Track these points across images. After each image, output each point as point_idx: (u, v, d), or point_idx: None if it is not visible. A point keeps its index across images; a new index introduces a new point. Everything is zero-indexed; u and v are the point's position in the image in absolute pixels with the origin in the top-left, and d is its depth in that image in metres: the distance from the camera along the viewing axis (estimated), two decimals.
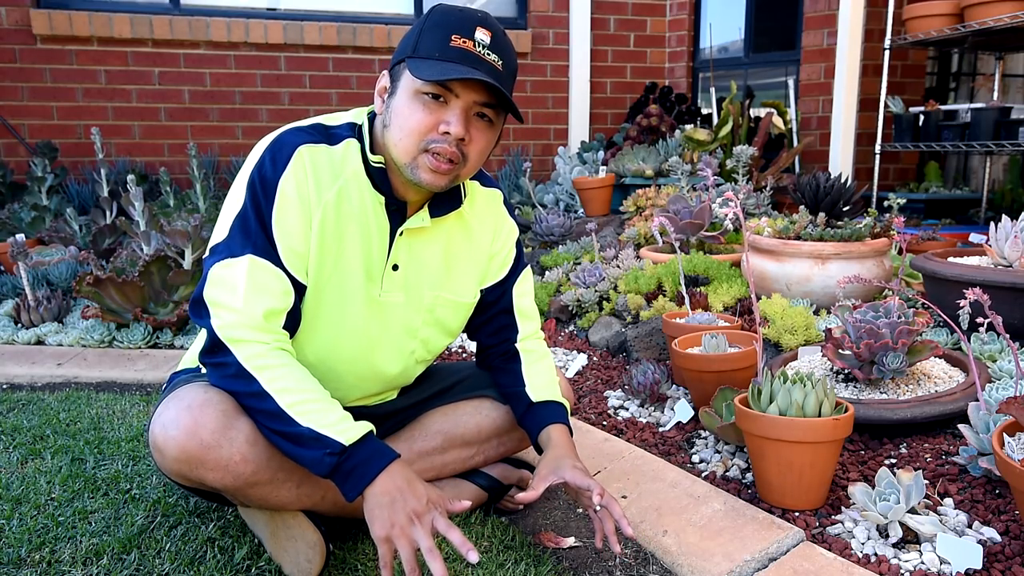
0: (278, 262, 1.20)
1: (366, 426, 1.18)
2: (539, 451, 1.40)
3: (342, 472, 1.14)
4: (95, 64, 4.38)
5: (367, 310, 1.32)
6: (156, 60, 4.46)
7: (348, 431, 1.15)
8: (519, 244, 1.52)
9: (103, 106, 4.44)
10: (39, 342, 2.82)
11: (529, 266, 1.55)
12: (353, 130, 1.30)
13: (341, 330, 1.32)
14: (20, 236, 2.92)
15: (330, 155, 1.26)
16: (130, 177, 3.08)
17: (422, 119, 1.20)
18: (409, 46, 1.21)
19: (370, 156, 1.27)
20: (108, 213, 3.74)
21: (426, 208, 1.33)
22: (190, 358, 1.39)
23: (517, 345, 1.50)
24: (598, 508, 1.24)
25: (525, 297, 1.52)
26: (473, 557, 1.07)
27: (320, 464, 1.13)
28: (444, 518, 1.13)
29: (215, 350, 1.18)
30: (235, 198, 1.22)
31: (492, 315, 1.50)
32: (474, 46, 1.18)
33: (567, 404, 1.47)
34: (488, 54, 1.19)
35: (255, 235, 1.19)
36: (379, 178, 1.28)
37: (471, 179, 1.42)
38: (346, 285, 1.29)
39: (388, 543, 1.11)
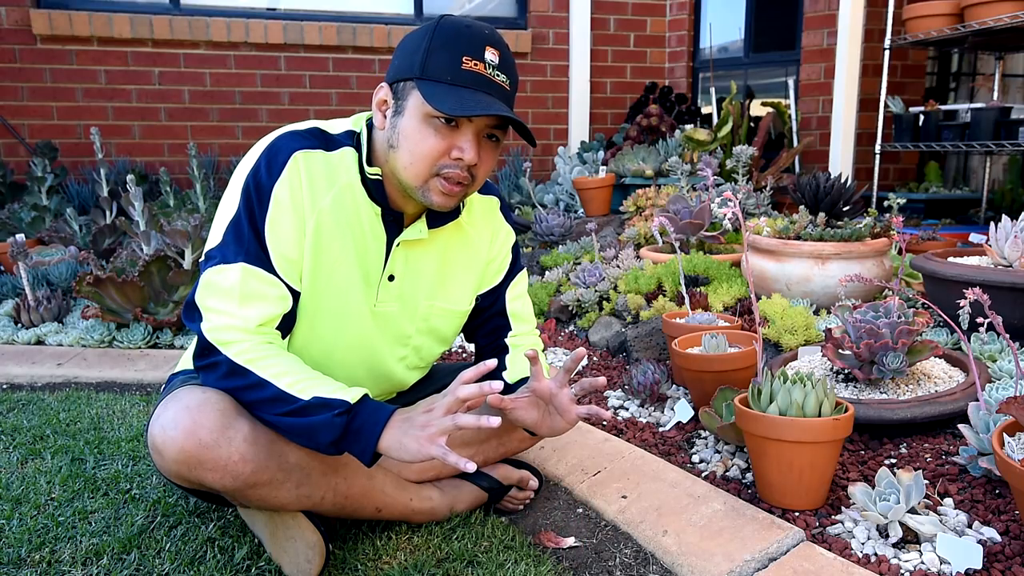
0: (271, 268, 1.21)
1: (362, 389, 1.19)
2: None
3: (352, 432, 1.14)
4: (95, 64, 4.38)
5: (364, 318, 1.32)
6: (156, 60, 4.46)
7: (348, 393, 1.17)
8: (516, 248, 1.51)
9: (103, 106, 4.44)
10: (39, 342, 2.82)
11: (526, 269, 1.55)
12: (352, 138, 1.29)
13: (339, 336, 1.32)
14: (20, 236, 2.92)
15: (326, 161, 1.25)
16: (130, 177, 3.08)
17: (435, 145, 1.19)
18: (416, 64, 1.19)
19: (367, 168, 1.27)
20: (108, 213, 3.74)
21: (423, 219, 1.33)
22: (189, 359, 1.39)
23: (507, 340, 1.50)
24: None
25: (518, 300, 1.52)
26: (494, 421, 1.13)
27: (331, 427, 1.13)
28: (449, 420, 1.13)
29: (205, 353, 1.19)
30: (230, 202, 1.22)
31: (486, 318, 1.51)
32: (484, 68, 1.17)
33: None
34: (497, 75, 1.19)
35: (248, 241, 1.19)
36: (375, 189, 1.28)
37: None
38: (346, 293, 1.29)
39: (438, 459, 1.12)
